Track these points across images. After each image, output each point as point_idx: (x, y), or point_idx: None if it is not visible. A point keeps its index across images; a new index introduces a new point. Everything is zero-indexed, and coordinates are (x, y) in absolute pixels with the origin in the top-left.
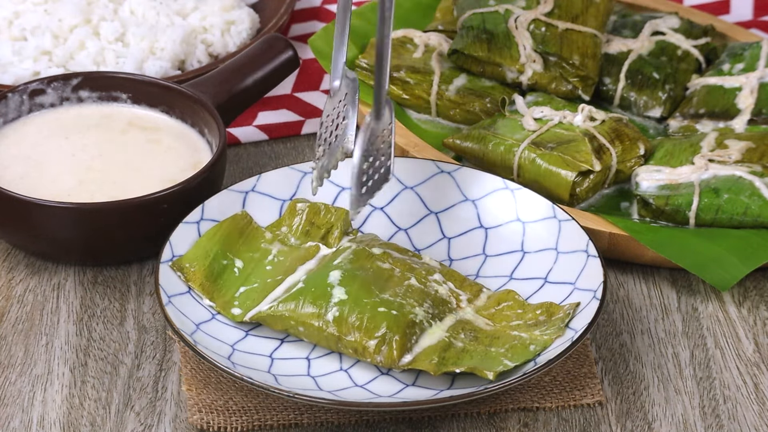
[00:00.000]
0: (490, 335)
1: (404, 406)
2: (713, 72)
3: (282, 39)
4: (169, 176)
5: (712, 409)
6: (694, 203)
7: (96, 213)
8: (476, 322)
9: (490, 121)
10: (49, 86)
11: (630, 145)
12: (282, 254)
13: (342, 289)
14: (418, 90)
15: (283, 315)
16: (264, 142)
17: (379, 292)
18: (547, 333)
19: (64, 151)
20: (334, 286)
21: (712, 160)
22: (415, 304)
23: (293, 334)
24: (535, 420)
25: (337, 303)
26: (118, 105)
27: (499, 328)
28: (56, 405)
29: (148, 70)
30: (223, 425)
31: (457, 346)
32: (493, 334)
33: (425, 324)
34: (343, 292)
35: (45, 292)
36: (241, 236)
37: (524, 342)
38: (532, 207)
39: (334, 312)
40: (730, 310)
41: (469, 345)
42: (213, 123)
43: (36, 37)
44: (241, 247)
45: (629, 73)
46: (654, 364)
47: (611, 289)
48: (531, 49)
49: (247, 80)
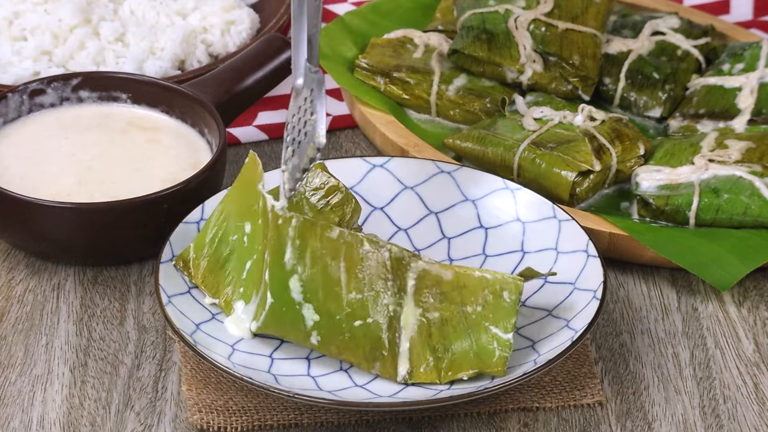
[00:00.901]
0: (455, 286)
1: (404, 406)
2: (713, 72)
3: (282, 39)
4: (169, 176)
5: (712, 409)
6: (694, 203)
7: (96, 213)
8: (433, 270)
9: (490, 121)
10: (49, 86)
11: (630, 145)
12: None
13: (310, 307)
14: (418, 90)
15: (271, 331)
16: (264, 142)
17: (345, 291)
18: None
19: (64, 151)
20: (301, 303)
21: (712, 160)
22: (381, 288)
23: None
24: (535, 420)
25: (314, 326)
26: (118, 105)
27: (459, 271)
28: (56, 405)
29: (148, 70)
30: (223, 425)
31: (434, 319)
32: (456, 282)
33: (398, 309)
34: (312, 311)
35: (45, 292)
36: (247, 189)
37: (495, 289)
38: (532, 207)
39: (315, 336)
40: (730, 310)
41: (443, 309)
42: (213, 123)
43: (36, 37)
44: (247, 212)
45: (629, 73)
46: (654, 364)
47: (611, 289)
48: (531, 49)
49: (247, 80)
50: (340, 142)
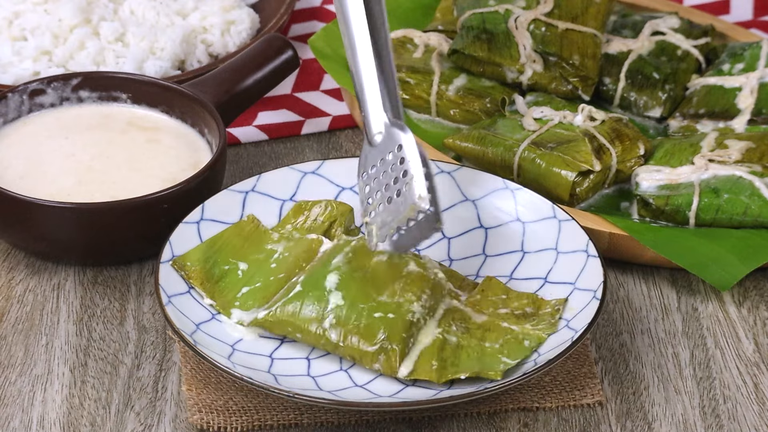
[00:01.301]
0: (481, 327)
1: (404, 406)
2: (713, 72)
3: (282, 39)
4: (169, 176)
5: (712, 409)
6: (694, 203)
7: (96, 213)
8: (465, 310)
9: (490, 121)
10: (49, 86)
11: (630, 145)
12: (287, 250)
13: (339, 294)
14: (418, 90)
15: (281, 320)
16: (264, 142)
17: (377, 293)
18: (539, 328)
19: (64, 151)
20: (331, 291)
21: (712, 160)
22: (414, 298)
23: (292, 338)
24: (535, 420)
25: (333, 309)
26: (117, 105)
27: (488, 320)
28: (56, 405)
29: (148, 70)
30: (223, 425)
31: (451, 341)
32: (484, 325)
33: (421, 321)
34: (340, 297)
35: (45, 292)
36: (246, 241)
37: (517, 336)
38: (532, 207)
39: (330, 319)
40: (730, 310)
41: (463, 339)
42: (213, 123)
43: (36, 37)
44: (247, 251)
45: (629, 73)
46: (654, 364)
47: (611, 289)
48: (531, 49)
49: (247, 80)
50: (340, 142)
